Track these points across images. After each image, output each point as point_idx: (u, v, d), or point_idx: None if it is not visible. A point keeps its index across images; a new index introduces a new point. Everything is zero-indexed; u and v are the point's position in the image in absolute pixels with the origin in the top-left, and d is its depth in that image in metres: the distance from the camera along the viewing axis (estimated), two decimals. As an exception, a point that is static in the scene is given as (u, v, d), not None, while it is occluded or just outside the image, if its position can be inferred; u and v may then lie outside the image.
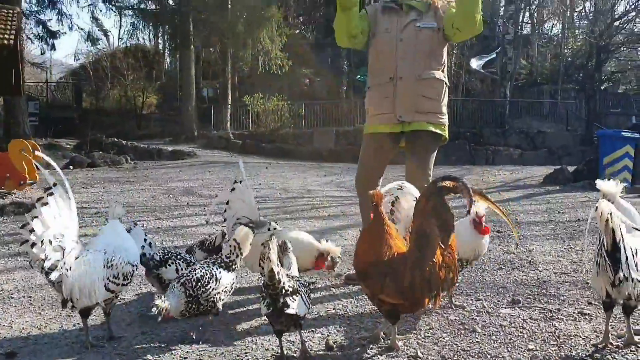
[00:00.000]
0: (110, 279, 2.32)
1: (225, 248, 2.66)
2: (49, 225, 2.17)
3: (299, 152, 17.56)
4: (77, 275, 2.20)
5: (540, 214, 6.28)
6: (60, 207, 2.23)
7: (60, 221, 2.23)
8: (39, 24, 18.91)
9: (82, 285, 2.23)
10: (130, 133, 21.61)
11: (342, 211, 6.66)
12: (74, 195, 2.54)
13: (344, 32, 3.21)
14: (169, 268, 2.78)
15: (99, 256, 2.31)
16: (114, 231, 2.50)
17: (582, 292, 3.12)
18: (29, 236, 2.12)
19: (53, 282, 2.20)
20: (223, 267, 2.55)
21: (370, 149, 3.34)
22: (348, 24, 3.17)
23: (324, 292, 3.33)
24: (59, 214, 2.22)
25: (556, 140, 18.63)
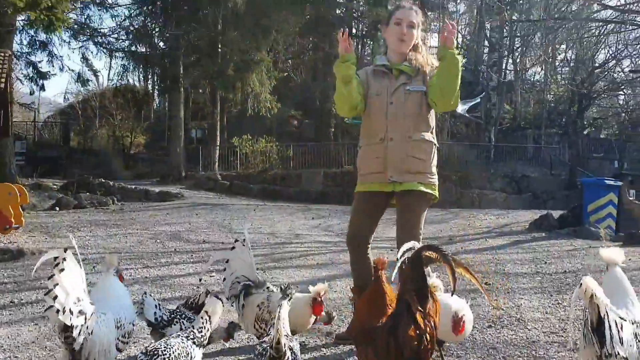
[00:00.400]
0: (120, 338, 2.38)
1: (197, 321, 2.59)
2: (69, 292, 2.20)
3: (287, 194, 17.60)
4: (97, 338, 2.28)
5: (527, 264, 6.32)
6: (73, 269, 2.25)
7: (76, 284, 2.27)
8: (29, 65, 19.01)
9: (101, 348, 2.29)
10: (117, 173, 21.54)
11: (330, 259, 6.67)
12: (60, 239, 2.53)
13: (347, 105, 3.30)
14: (173, 327, 2.84)
15: (110, 317, 2.36)
16: (112, 287, 2.51)
17: (571, 355, 3.14)
18: (53, 303, 2.14)
19: (74, 346, 2.21)
20: (196, 344, 2.42)
21: (362, 208, 3.39)
22: (350, 96, 3.26)
23: (315, 352, 3.31)
24: (73, 277, 2.26)
25: (540, 184, 18.88)
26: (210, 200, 15.31)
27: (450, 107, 3.28)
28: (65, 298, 2.15)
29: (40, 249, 6.94)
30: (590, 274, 5.53)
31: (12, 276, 5.40)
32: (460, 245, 8.31)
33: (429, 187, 3.26)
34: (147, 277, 5.35)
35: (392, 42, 3.34)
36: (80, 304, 2.21)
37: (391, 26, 3.35)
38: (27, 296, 4.55)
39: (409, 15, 3.31)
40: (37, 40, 18.61)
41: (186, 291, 4.73)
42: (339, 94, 3.29)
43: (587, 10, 14.76)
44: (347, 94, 3.25)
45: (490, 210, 15.47)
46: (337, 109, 3.43)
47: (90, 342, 2.22)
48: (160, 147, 27.14)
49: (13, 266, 5.96)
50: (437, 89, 3.19)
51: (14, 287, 4.93)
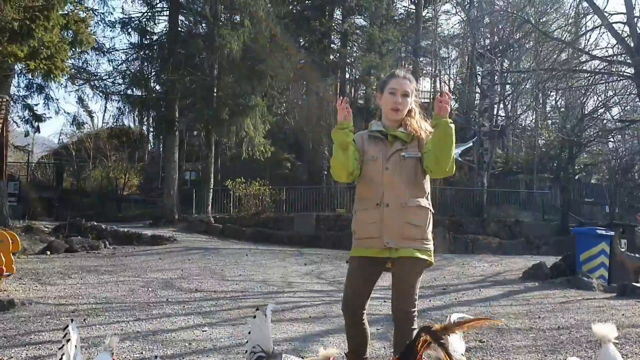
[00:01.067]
0: None
1: None
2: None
3: (279, 237, 17.56)
4: None
5: (521, 318, 6.31)
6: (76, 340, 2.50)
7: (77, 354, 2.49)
8: (25, 108, 19.15)
9: None
10: (110, 215, 21.49)
11: (324, 312, 6.62)
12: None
13: (345, 171, 3.34)
14: None
15: None
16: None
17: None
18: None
19: None
20: None
21: (358, 273, 3.40)
22: (347, 162, 3.30)
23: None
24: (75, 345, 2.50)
25: (533, 229, 18.94)
26: (203, 244, 15.25)
27: (446, 174, 3.31)
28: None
29: (31, 299, 6.88)
30: (583, 330, 5.56)
31: (2, 329, 5.32)
32: (454, 295, 8.29)
33: (425, 254, 3.29)
34: (138, 332, 5.28)
35: (387, 112, 3.42)
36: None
37: (385, 95, 3.42)
38: (17, 353, 4.48)
39: (403, 85, 3.39)
40: (34, 84, 18.82)
41: (178, 348, 4.68)
42: (336, 159, 3.33)
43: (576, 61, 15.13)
44: (344, 160, 3.30)
45: (483, 256, 15.47)
46: (333, 175, 3.45)
47: None
48: (153, 188, 27.17)
49: (3, 318, 5.88)
50: (432, 157, 3.24)
51: (4, 342, 4.86)
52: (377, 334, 5.34)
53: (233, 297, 7.52)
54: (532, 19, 16.91)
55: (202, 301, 7.18)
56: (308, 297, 7.87)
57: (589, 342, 5.05)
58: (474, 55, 23.43)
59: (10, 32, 8.03)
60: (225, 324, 5.77)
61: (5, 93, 14.49)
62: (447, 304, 7.49)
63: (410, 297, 3.22)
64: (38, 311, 6.26)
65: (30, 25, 8.07)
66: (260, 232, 17.86)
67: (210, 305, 6.85)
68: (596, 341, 5.02)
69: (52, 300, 7.00)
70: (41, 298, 7.07)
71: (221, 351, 4.56)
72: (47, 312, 6.19)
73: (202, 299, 7.38)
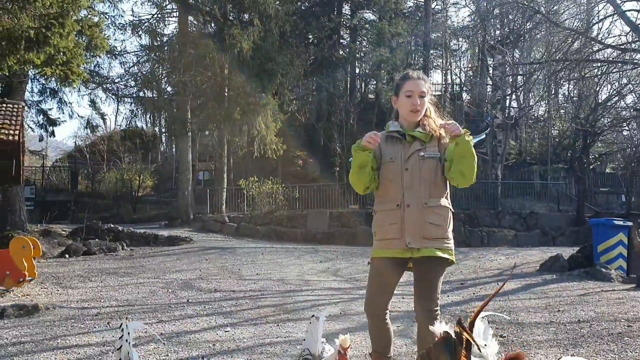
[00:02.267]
0: None
1: None
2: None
3: (294, 235, 17.65)
4: None
5: (540, 311, 6.31)
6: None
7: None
8: (40, 113, 19.39)
9: None
10: (125, 216, 21.72)
11: (342, 310, 6.66)
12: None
13: (362, 185, 3.40)
14: None
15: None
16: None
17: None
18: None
19: None
20: None
21: (379, 273, 3.43)
22: (365, 179, 3.36)
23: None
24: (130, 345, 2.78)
25: (549, 221, 18.85)
26: (218, 243, 15.36)
27: (470, 184, 3.34)
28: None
29: (54, 303, 6.99)
30: (604, 323, 5.55)
31: (30, 334, 5.42)
32: (472, 290, 8.30)
33: (446, 252, 3.31)
34: (162, 334, 5.36)
35: (406, 114, 3.42)
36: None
37: (402, 98, 3.43)
38: (46, 357, 4.57)
39: (419, 86, 3.40)
40: (47, 88, 19.03)
41: (202, 350, 4.75)
42: (354, 175, 3.39)
43: (588, 50, 14.99)
44: (362, 177, 3.36)
45: (499, 248, 15.45)
46: (353, 186, 3.53)
47: None
48: (167, 189, 27.38)
49: (29, 323, 5.99)
50: (457, 173, 3.26)
51: (33, 346, 4.95)
52: (398, 331, 5.37)
53: (252, 297, 7.59)
54: (542, 8, 16.75)
55: (222, 301, 7.25)
56: (326, 295, 7.91)
57: (610, 335, 5.05)
58: (484, 47, 23.29)
59: (26, 40, 8.14)
60: (247, 324, 5.83)
61: (20, 99, 14.67)
62: (466, 298, 7.50)
63: (432, 295, 3.25)
64: (62, 315, 6.36)
65: (46, 32, 8.17)
66: (274, 230, 17.96)
67: (231, 305, 6.92)
68: (618, 334, 5.04)
69: (75, 303, 7.11)
70: (64, 302, 7.18)
71: (245, 351, 4.61)
72: (71, 316, 6.29)
73: (222, 299, 7.45)
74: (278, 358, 4.53)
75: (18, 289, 7.96)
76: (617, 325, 5.45)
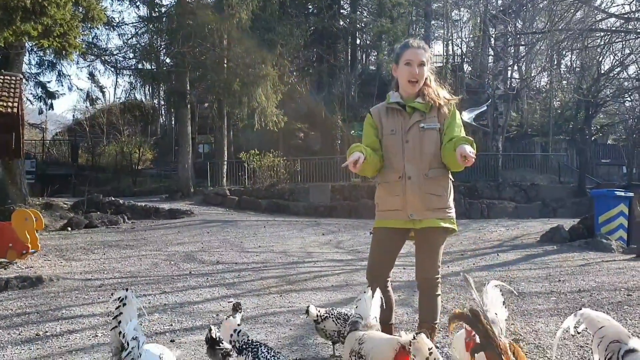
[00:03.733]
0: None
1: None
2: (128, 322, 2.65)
3: (295, 208, 17.68)
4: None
5: (540, 281, 6.35)
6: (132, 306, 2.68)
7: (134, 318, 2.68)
8: (38, 85, 19.26)
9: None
10: (126, 189, 21.73)
11: (345, 280, 6.71)
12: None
13: (370, 172, 3.42)
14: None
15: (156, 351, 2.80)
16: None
17: (592, 383, 3.18)
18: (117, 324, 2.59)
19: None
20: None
21: (381, 243, 3.44)
22: (368, 166, 3.34)
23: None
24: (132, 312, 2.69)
25: (549, 192, 18.87)
26: (220, 216, 15.40)
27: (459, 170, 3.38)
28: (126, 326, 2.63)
29: (58, 275, 7.03)
30: (604, 292, 5.59)
31: (34, 305, 5.47)
32: (472, 260, 8.35)
33: (448, 222, 3.32)
34: (166, 305, 5.40)
35: (405, 84, 3.39)
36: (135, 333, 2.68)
37: (401, 67, 3.40)
38: (51, 328, 4.61)
39: (419, 55, 3.36)
40: (45, 61, 18.85)
41: (206, 320, 4.79)
42: (361, 173, 3.41)
43: (591, 19, 14.79)
44: (366, 170, 3.37)
45: (500, 220, 15.50)
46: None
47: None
48: (167, 161, 27.35)
49: (33, 294, 6.04)
50: (448, 162, 3.31)
51: (37, 317, 5.00)
52: (400, 301, 5.41)
53: (255, 269, 7.63)
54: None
55: (225, 273, 7.29)
56: (329, 267, 7.96)
57: (610, 303, 5.08)
58: (486, 17, 22.99)
59: (22, 11, 8.02)
60: (250, 295, 5.87)
61: (17, 71, 14.54)
62: (466, 269, 7.54)
63: (434, 264, 3.28)
64: (66, 287, 6.40)
65: (42, 2, 8.05)
66: (276, 203, 17.99)
67: (233, 277, 6.96)
68: (618, 303, 5.07)
69: (79, 275, 7.15)
70: (67, 274, 7.23)
71: (249, 321, 4.64)
72: (75, 288, 6.34)
73: (224, 270, 7.50)
74: (282, 327, 4.56)
75: (21, 261, 8.01)
76: (617, 294, 5.48)
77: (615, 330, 2.41)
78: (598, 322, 2.42)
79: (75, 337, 4.36)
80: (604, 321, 2.42)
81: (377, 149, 3.41)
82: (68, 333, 4.46)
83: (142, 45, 20.48)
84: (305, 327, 4.53)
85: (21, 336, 4.39)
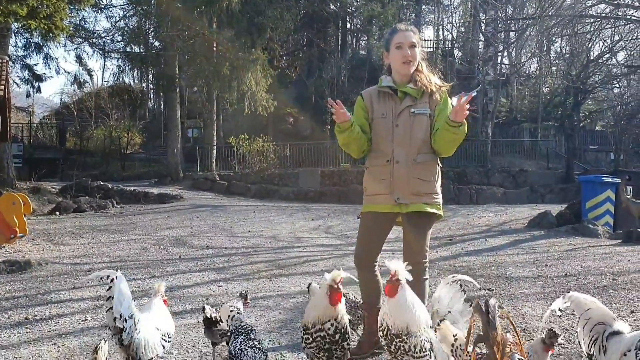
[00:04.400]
0: (162, 337, 2.94)
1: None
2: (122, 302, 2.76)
3: (285, 193, 17.68)
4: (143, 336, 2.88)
5: (528, 266, 6.42)
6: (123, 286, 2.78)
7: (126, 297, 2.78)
8: (25, 68, 18.98)
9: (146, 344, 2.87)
10: (114, 174, 21.60)
11: (334, 265, 6.71)
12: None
13: (356, 152, 3.44)
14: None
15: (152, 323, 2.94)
16: (156, 306, 3.03)
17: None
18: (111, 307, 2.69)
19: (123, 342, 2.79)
20: None
21: (369, 228, 3.46)
22: (354, 142, 3.36)
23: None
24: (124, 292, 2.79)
25: (538, 178, 19.02)
26: (209, 201, 15.38)
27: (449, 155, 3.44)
28: (119, 307, 2.73)
29: (47, 259, 7.00)
30: (590, 277, 5.66)
31: (23, 289, 5.45)
32: (460, 245, 8.41)
33: (434, 207, 3.35)
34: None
35: (399, 67, 3.39)
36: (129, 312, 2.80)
37: (393, 51, 3.40)
38: (41, 312, 4.60)
39: (408, 37, 3.37)
40: (32, 43, 18.58)
41: (196, 303, 4.80)
42: (345, 147, 3.46)
43: (581, 5, 14.80)
44: (352, 148, 3.41)
45: (488, 206, 15.61)
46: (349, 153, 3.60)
47: (137, 340, 2.83)
48: (156, 146, 27.17)
49: (21, 278, 6.02)
50: (440, 146, 3.33)
51: (27, 301, 4.98)
52: (389, 286, 5.45)
53: (244, 253, 7.64)
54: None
55: (215, 257, 7.30)
56: (318, 252, 7.99)
57: (596, 288, 5.16)
58: (477, 2, 22.92)
59: (8, -9, 7.89)
60: (240, 279, 5.90)
61: (4, 53, 14.34)
62: (454, 254, 7.61)
63: (421, 248, 3.31)
64: (55, 271, 6.38)
65: (28, -18, 7.93)
66: (265, 188, 17.98)
67: (223, 262, 6.98)
68: (604, 287, 5.15)
69: (67, 260, 7.13)
70: (56, 258, 7.20)
71: (238, 305, 4.66)
72: (63, 272, 6.32)
73: (214, 255, 7.51)
74: (271, 311, 4.59)
75: (9, 246, 7.96)
76: (603, 278, 5.56)
77: (601, 312, 2.45)
78: (585, 305, 2.46)
79: (64, 320, 4.36)
80: (590, 304, 2.46)
81: (366, 132, 3.42)
82: (57, 317, 4.46)
83: (131, 28, 20.26)
84: (295, 311, 4.56)
85: (10, 320, 4.39)
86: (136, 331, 2.87)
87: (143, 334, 2.91)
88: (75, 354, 3.60)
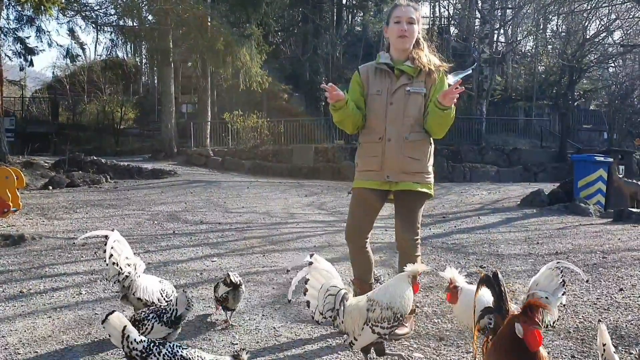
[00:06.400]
0: (161, 292, 3.40)
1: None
2: (120, 253, 3.24)
3: (279, 169, 17.70)
4: (142, 282, 3.33)
5: (519, 244, 6.49)
6: (121, 242, 3.29)
7: (125, 249, 3.28)
8: (17, 41, 18.72)
9: (144, 288, 3.31)
10: (108, 149, 21.53)
11: (327, 241, 6.79)
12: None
13: (350, 128, 3.46)
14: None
15: (155, 277, 3.59)
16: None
17: (565, 343, 3.30)
18: (111, 252, 3.15)
19: (124, 285, 3.24)
20: None
21: (360, 203, 3.49)
22: (348, 118, 3.39)
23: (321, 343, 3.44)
24: (122, 246, 3.28)
25: (531, 157, 19.09)
26: (203, 177, 15.37)
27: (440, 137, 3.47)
28: (119, 256, 3.22)
29: (40, 233, 7.01)
30: (581, 254, 5.73)
31: (17, 263, 5.46)
32: (453, 223, 8.47)
33: (425, 187, 3.38)
34: (150, 263, 5.42)
35: (395, 41, 3.41)
36: (128, 261, 3.27)
37: (391, 25, 3.43)
38: (35, 285, 4.63)
39: (407, 12, 3.39)
40: (24, 16, 18.30)
41: (190, 278, 4.84)
42: (340, 123, 3.49)
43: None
44: (346, 124, 3.45)
45: (482, 184, 15.69)
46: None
47: (136, 284, 3.27)
48: (150, 121, 27.01)
49: (15, 252, 6.02)
50: (429, 127, 3.37)
51: (21, 275, 5.00)
52: (381, 261, 5.51)
53: (238, 229, 7.67)
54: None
55: (209, 233, 7.33)
56: (311, 228, 8.03)
57: (586, 265, 5.22)
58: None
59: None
60: (234, 254, 5.93)
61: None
62: (447, 231, 7.67)
63: (412, 226, 3.34)
64: (49, 245, 6.39)
65: (18, -46, 7.76)
66: (259, 164, 17.98)
67: (217, 237, 7.01)
68: (594, 265, 5.21)
69: (61, 234, 7.13)
70: (50, 232, 7.20)
71: (231, 280, 4.69)
72: (58, 246, 6.33)
73: (208, 230, 7.53)
74: (264, 286, 4.64)
75: (3, 220, 7.95)
76: (593, 256, 5.63)
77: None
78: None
79: (59, 294, 4.39)
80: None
81: (360, 108, 3.44)
82: (52, 290, 4.49)
83: (124, 1, 19.90)
84: (288, 286, 4.59)
85: (5, 293, 4.41)
86: (136, 274, 3.30)
87: (143, 279, 3.34)
88: (70, 327, 3.64)
